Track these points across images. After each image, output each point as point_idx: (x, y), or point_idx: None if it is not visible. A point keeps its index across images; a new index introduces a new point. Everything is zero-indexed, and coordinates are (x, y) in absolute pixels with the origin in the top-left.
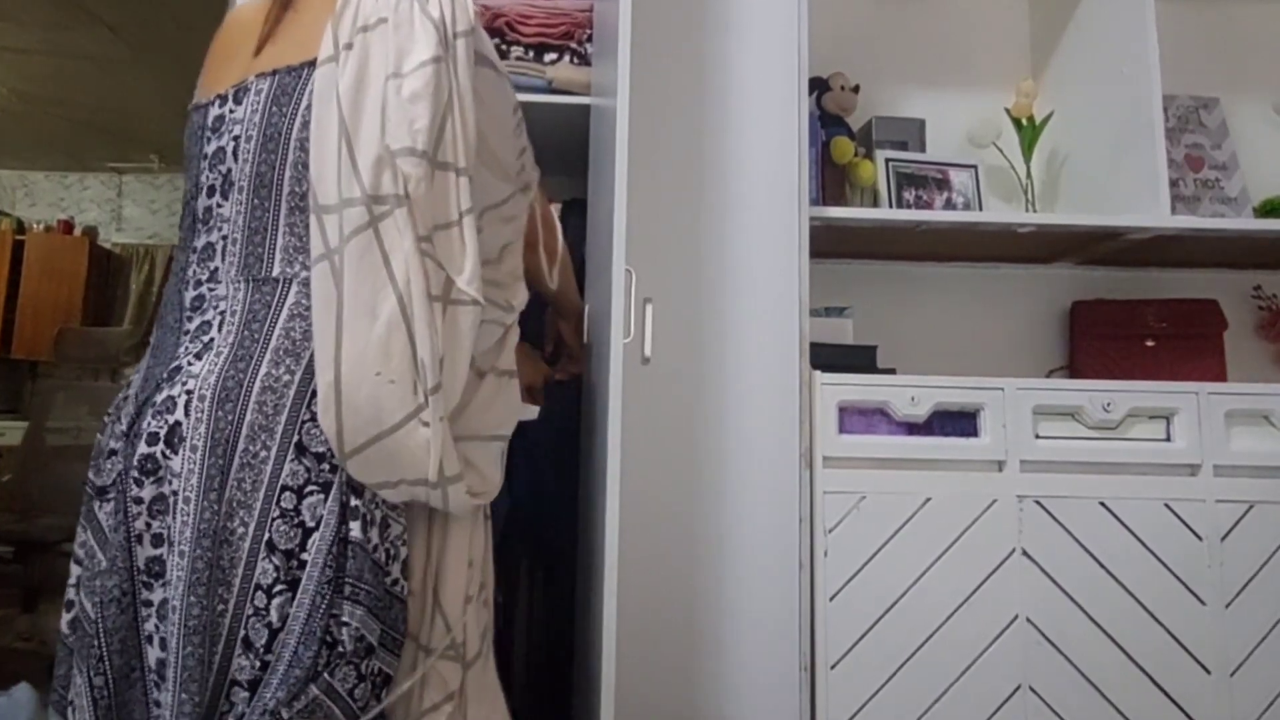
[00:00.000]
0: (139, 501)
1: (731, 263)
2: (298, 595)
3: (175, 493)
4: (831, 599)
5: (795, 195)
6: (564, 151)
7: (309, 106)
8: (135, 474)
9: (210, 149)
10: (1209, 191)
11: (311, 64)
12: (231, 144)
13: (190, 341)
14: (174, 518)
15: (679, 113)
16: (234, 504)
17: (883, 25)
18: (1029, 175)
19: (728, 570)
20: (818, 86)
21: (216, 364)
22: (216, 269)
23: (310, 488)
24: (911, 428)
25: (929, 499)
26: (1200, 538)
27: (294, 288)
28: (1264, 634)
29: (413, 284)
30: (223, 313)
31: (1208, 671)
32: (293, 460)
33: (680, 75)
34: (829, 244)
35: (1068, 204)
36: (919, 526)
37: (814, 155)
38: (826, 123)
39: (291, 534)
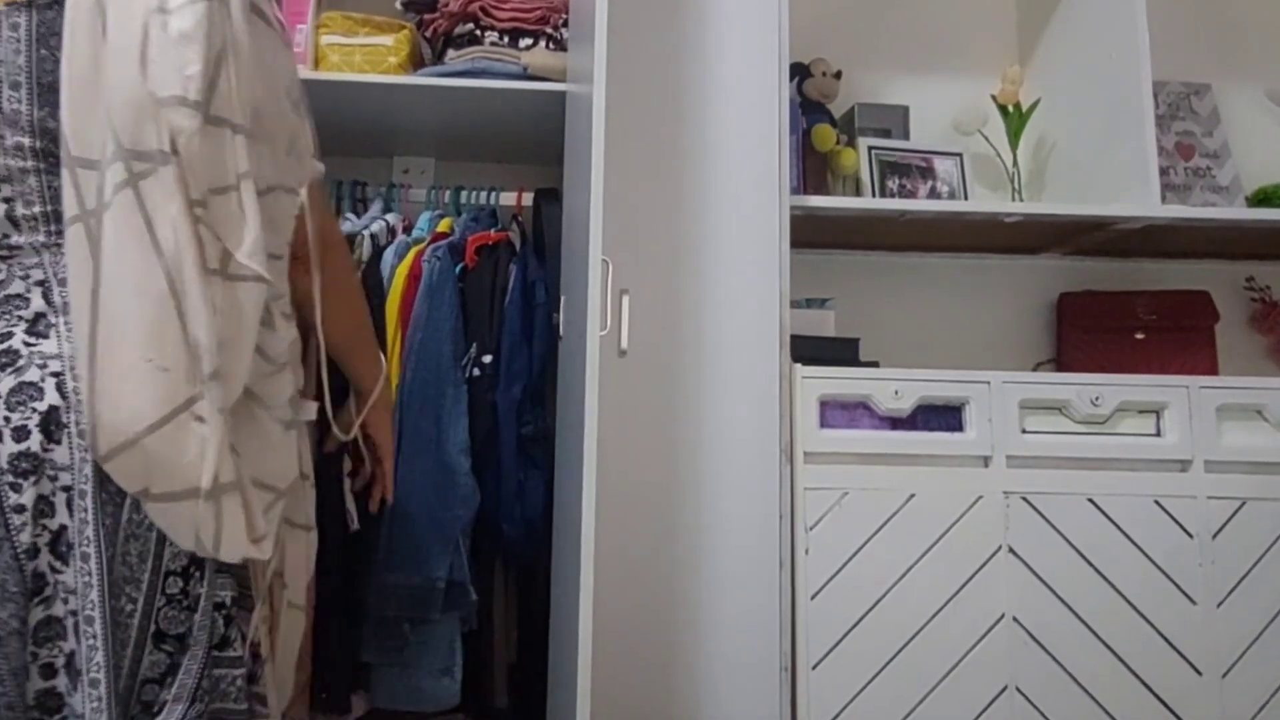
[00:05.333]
0: (20, 510)
1: (710, 253)
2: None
3: (68, 488)
4: (813, 598)
5: (775, 184)
6: (539, 139)
7: None
8: (10, 479)
9: None
10: (1200, 180)
11: None
12: None
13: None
14: (71, 516)
15: (657, 99)
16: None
17: (866, 9)
18: (1015, 164)
19: (706, 568)
20: (799, 72)
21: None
22: (7, 235)
23: None
24: (895, 422)
25: (913, 495)
26: (1191, 535)
27: None
28: (1256, 634)
29: (184, 254)
30: (42, 283)
31: (1199, 672)
32: None
33: (658, 61)
34: (810, 234)
35: (1055, 193)
36: (902, 523)
37: (795, 143)
38: (808, 110)
39: None
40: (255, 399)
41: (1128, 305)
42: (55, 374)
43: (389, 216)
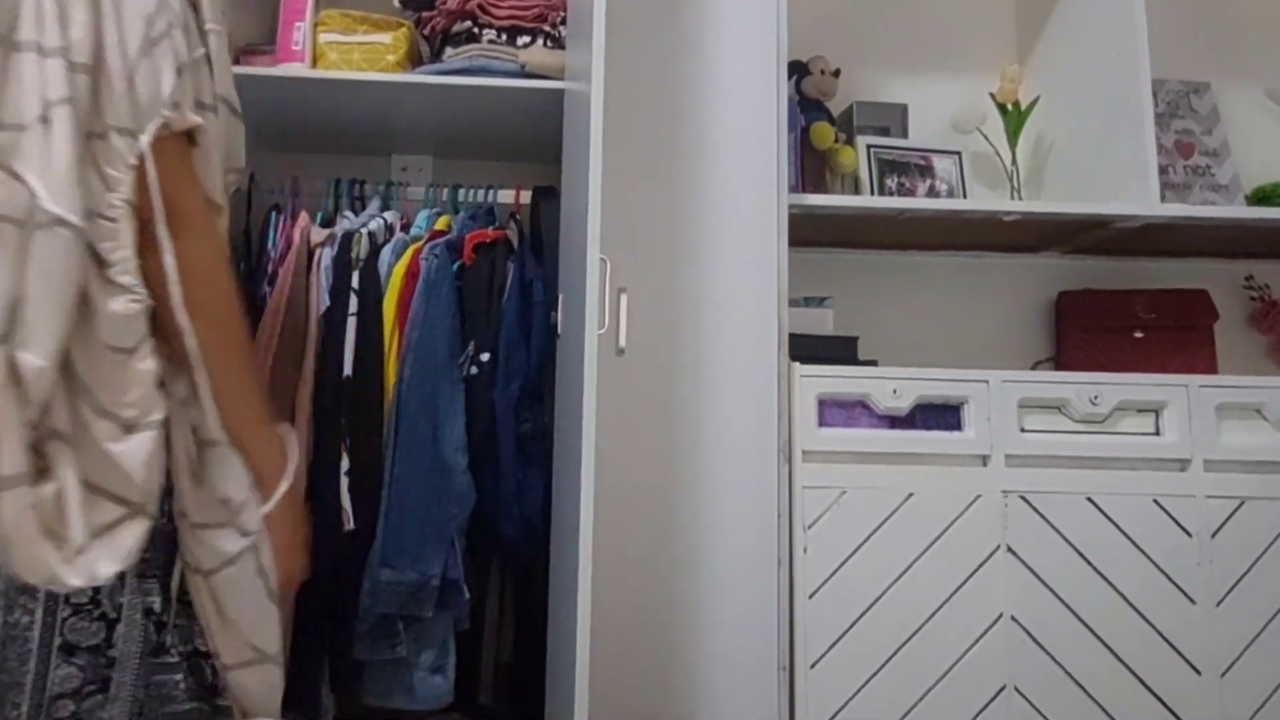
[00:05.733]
0: None
1: (708, 252)
2: None
3: None
4: (811, 597)
5: (774, 182)
6: (537, 137)
7: None
8: None
9: None
10: (1199, 179)
11: None
12: None
13: None
14: None
15: (655, 97)
16: None
17: (864, 8)
18: (1014, 162)
19: (704, 567)
20: (797, 70)
21: None
22: None
23: None
24: (893, 421)
25: (911, 494)
26: (1190, 534)
27: None
28: (1255, 633)
29: None
30: None
31: (1198, 672)
32: None
33: (656, 58)
34: (809, 232)
35: (1054, 192)
36: (901, 522)
37: (793, 141)
38: (806, 108)
39: None
40: (81, 388)
41: (1127, 304)
42: None
43: (387, 214)
